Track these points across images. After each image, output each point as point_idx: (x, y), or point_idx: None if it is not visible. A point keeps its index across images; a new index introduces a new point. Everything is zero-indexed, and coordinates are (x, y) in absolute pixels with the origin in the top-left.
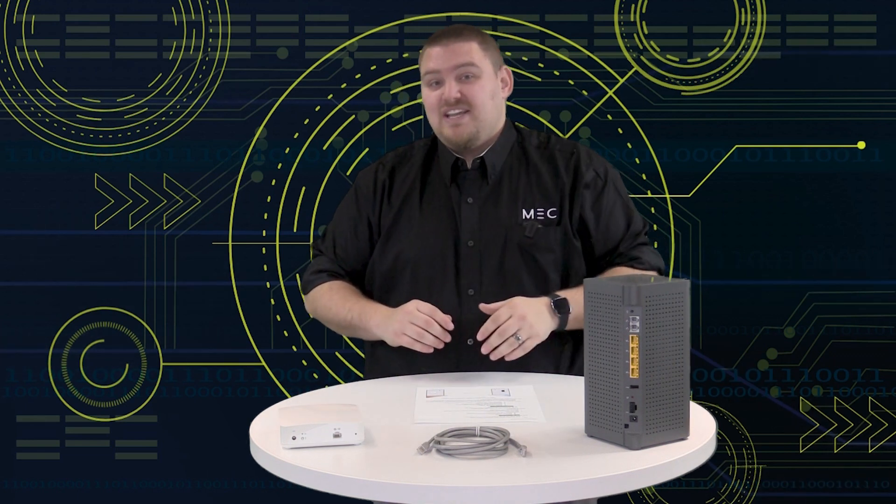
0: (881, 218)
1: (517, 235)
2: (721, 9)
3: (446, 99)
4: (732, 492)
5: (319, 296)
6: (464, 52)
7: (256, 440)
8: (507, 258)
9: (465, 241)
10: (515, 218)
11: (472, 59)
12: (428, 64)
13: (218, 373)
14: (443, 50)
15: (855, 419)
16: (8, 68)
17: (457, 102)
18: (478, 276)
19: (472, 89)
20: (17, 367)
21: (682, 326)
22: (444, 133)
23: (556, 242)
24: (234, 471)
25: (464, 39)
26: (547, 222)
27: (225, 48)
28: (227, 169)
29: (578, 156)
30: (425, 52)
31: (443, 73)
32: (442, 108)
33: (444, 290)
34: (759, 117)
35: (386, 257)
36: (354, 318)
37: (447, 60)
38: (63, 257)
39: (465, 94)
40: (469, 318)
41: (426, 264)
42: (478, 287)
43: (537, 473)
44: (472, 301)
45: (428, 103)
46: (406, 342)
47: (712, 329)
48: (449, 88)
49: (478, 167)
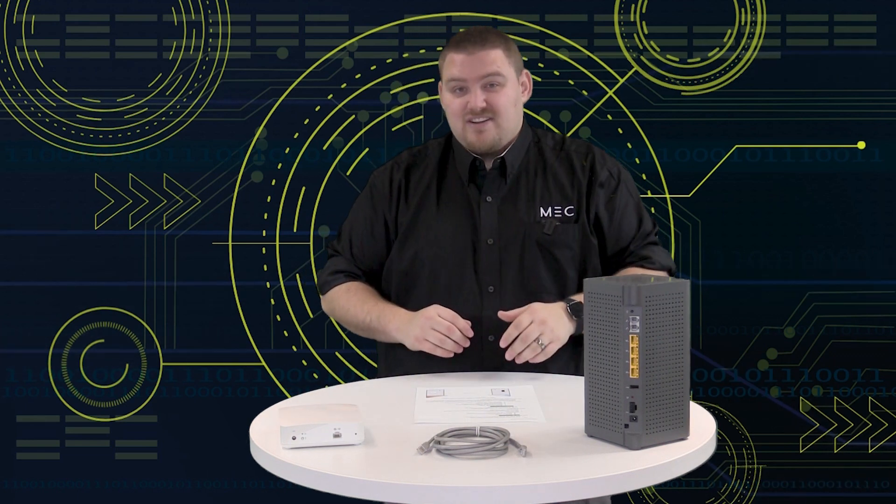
0: (881, 218)
1: (536, 232)
2: (721, 9)
3: (472, 108)
4: (732, 492)
5: (337, 297)
6: (489, 61)
7: (256, 440)
8: (526, 255)
9: (485, 239)
10: (534, 216)
11: (498, 69)
12: (452, 71)
13: (218, 373)
14: (468, 58)
15: (855, 419)
16: (8, 68)
17: (482, 112)
18: (497, 273)
19: (498, 98)
20: (17, 367)
21: (682, 326)
22: (468, 139)
23: (574, 240)
24: (234, 471)
25: (490, 47)
26: (565, 220)
27: (225, 48)
28: (227, 169)
29: (593, 156)
30: (448, 56)
31: (469, 82)
32: (466, 115)
33: (463, 288)
34: (759, 117)
35: (404, 257)
36: (373, 321)
37: (473, 70)
38: (63, 257)
39: (490, 102)
40: (489, 314)
41: (445, 263)
42: (497, 284)
43: (537, 473)
44: (492, 298)
45: (451, 109)
46: (428, 348)
47: (712, 329)
48: (475, 98)
49: (497, 167)
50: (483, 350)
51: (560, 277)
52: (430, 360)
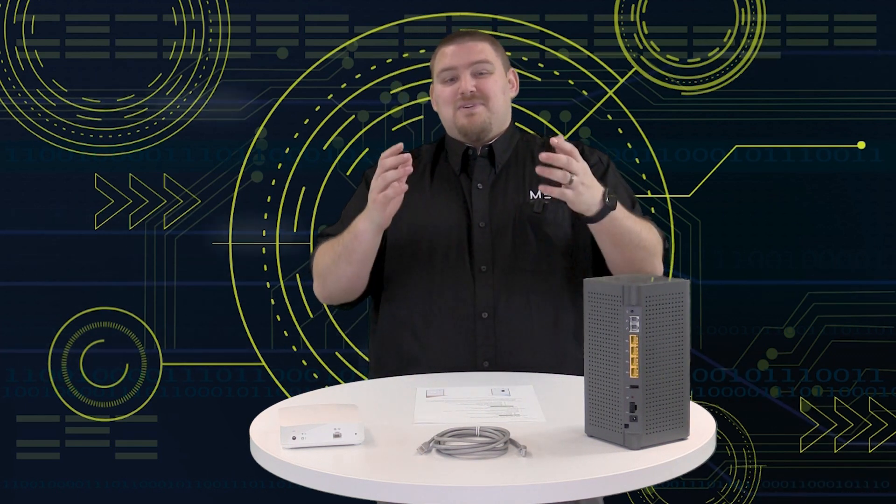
0: (881, 218)
1: (526, 212)
2: (721, 9)
3: (462, 92)
4: (732, 492)
5: (318, 254)
6: (478, 49)
7: (256, 440)
8: (517, 234)
9: (477, 222)
10: (523, 198)
11: (487, 57)
12: (443, 61)
13: (218, 373)
14: (458, 48)
15: (855, 419)
16: (8, 68)
17: (472, 96)
18: (490, 253)
19: (487, 83)
20: (17, 367)
21: (682, 326)
22: (459, 122)
23: (564, 218)
24: (234, 471)
25: (478, 40)
26: (554, 200)
27: (225, 48)
28: (227, 169)
29: (582, 146)
30: (440, 51)
31: (459, 68)
32: (457, 101)
33: (457, 268)
34: (759, 117)
35: (399, 229)
36: (344, 238)
37: (463, 57)
38: (63, 257)
39: (479, 87)
40: (483, 292)
41: (439, 245)
42: (490, 263)
43: (537, 473)
44: (485, 277)
45: (442, 98)
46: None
47: (712, 329)
48: (465, 82)
49: (486, 155)
50: (476, 327)
51: (551, 255)
52: (423, 341)
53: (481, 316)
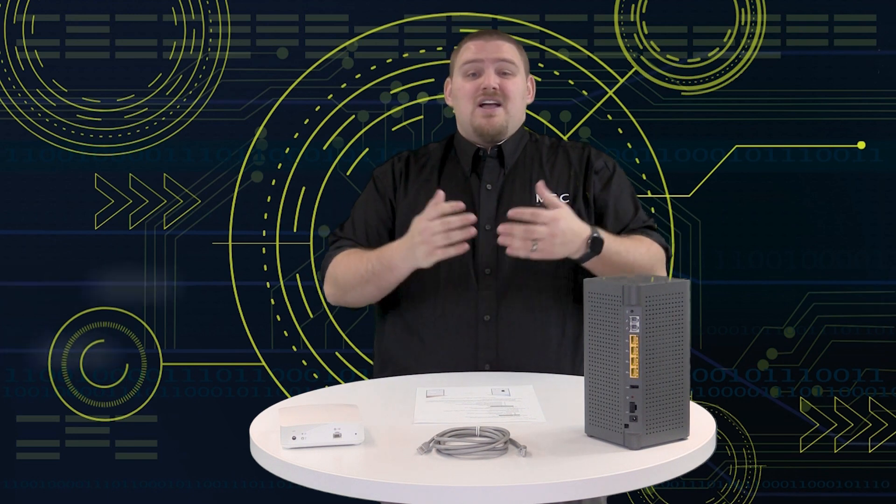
0: (881, 218)
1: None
2: (721, 9)
3: (485, 87)
4: (732, 492)
5: (338, 262)
6: (504, 48)
7: (256, 440)
8: None
9: (483, 224)
10: (530, 199)
11: (512, 58)
12: (467, 55)
13: (218, 373)
14: (484, 43)
15: (855, 419)
16: (8, 68)
17: (494, 93)
18: (494, 257)
19: (509, 84)
20: (17, 367)
21: (682, 326)
22: (476, 122)
23: None
24: (234, 471)
25: (505, 40)
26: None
27: (225, 48)
28: (227, 169)
29: (589, 150)
30: (463, 45)
31: (484, 63)
32: (478, 97)
33: (461, 270)
34: (759, 117)
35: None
36: (374, 264)
37: (489, 52)
38: (63, 257)
39: (502, 87)
40: (486, 294)
41: None
42: (494, 266)
43: (537, 473)
44: (489, 280)
45: (462, 92)
46: (441, 254)
47: (712, 329)
48: (488, 77)
49: (496, 155)
50: (478, 330)
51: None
52: (427, 344)
53: (483, 319)
